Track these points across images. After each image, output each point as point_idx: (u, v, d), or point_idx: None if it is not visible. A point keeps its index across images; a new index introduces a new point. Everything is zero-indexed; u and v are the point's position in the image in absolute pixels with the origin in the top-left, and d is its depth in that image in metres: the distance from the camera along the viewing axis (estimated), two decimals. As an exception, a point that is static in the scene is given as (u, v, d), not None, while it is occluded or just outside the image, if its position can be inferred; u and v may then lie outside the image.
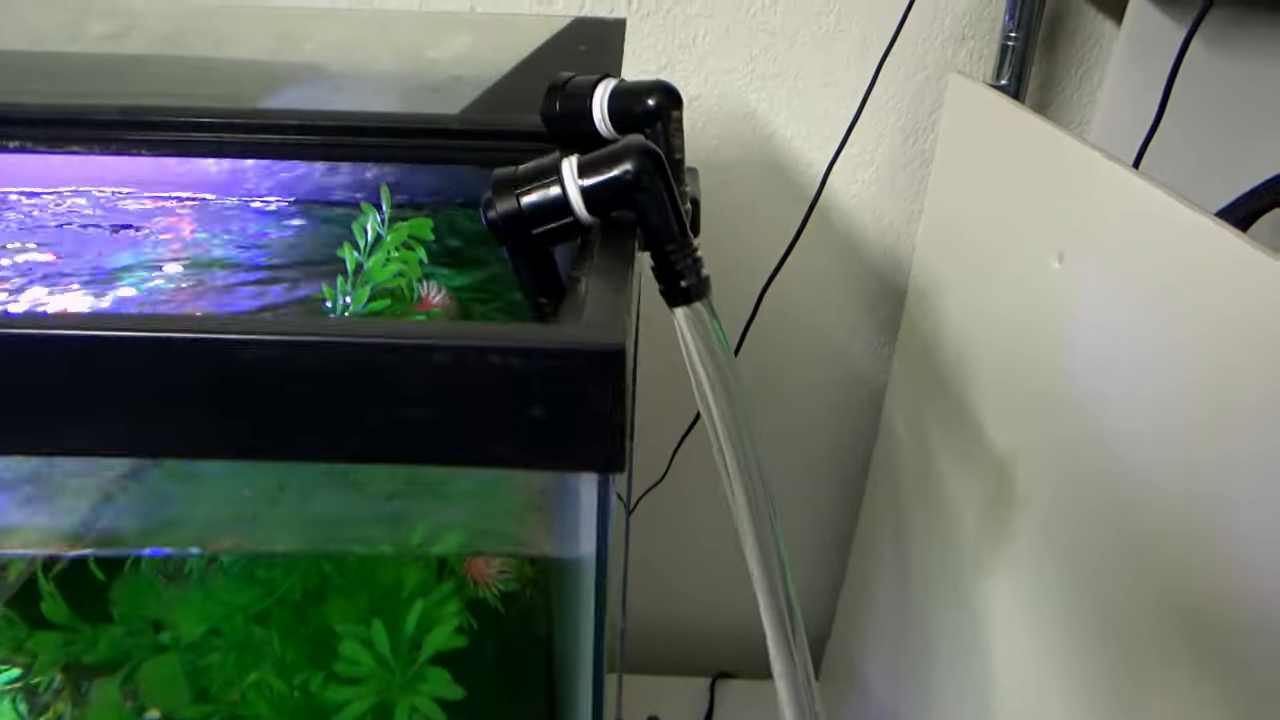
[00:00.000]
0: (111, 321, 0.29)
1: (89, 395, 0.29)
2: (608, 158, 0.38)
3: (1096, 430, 0.57)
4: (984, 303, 0.72)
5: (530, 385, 0.28)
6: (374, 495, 0.39)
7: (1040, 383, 0.63)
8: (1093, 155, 0.58)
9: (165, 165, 0.59)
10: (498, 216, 0.38)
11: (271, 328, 0.29)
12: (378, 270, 0.52)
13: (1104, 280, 0.56)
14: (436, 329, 0.29)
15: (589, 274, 0.37)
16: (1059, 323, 0.61)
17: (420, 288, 0.54)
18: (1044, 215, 0.63)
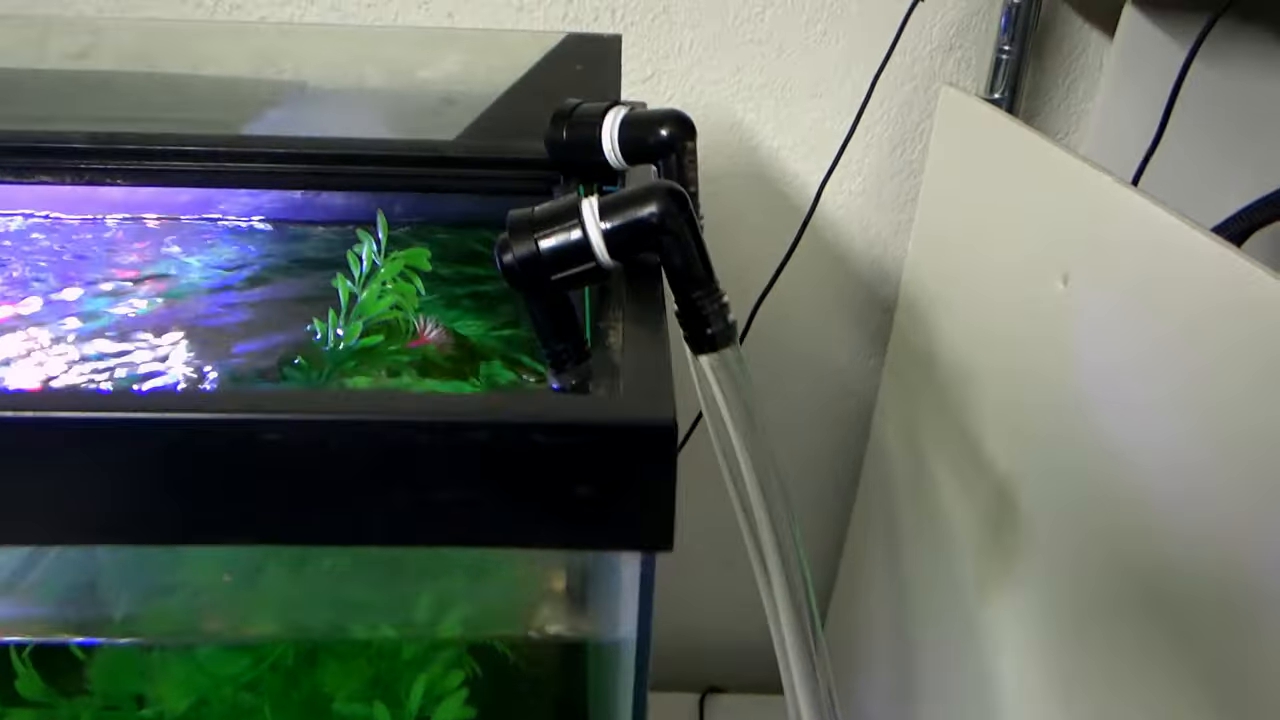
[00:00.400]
0: (108, 403, 0.26)
1: (94, 479, 0.27)
2: (630, 199, 0.36)
3: (1103, 454, 0.57)
4: (983, 320, 0.72)
5: (577, 464, 0.26)
6: (369, 573, 0.37)
7: (1045, 404, 0.62)
8: (1099, 176, 0.57)
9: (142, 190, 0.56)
10: (514, 261, 0.36)
11: (293, 404, 0.27)
12: (372, 304, 0.50)
13: (1112, 303, 0.56)
14: (474, 405, 0.27)
15: (618, 326, 0.35)
16: (1065, 345, 0.60)
17: (415, 322, 0.51)
18: (1047, 235, 0.62)
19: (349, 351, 0.49)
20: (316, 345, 0.50)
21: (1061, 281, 0.60)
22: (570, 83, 0.57)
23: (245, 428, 0.26)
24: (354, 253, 0.50)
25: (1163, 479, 0.52)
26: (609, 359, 0.33)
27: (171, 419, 0.26)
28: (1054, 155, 0.61)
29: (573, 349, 0.38)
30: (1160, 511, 0.51)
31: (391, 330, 0.51)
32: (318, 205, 0.55)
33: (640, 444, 0.26)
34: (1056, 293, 0.61)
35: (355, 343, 0.49)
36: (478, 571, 0.36)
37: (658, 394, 0.28)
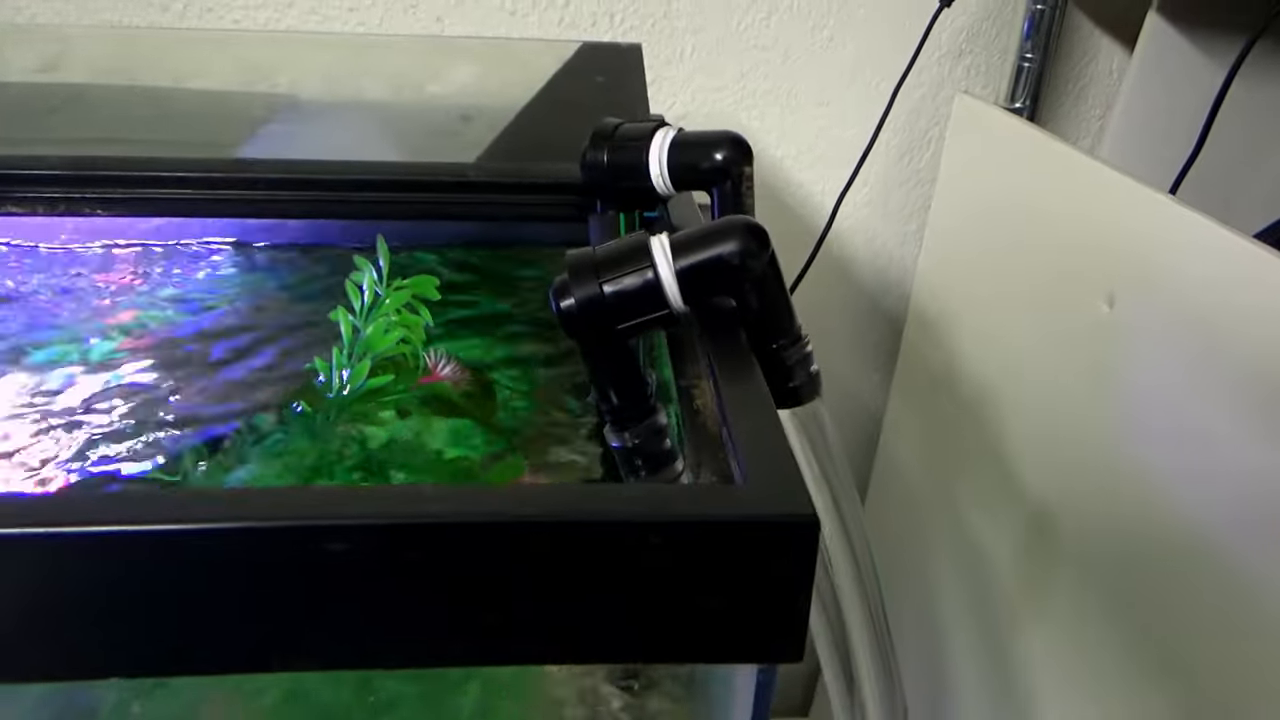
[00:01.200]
0: (123, 512, 0.21)
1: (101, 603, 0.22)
2: (707, 236, 0.32)
3: (1150, 485, 0.54)
4: (1011, 340, 0.69)
5: (700, 567, 0.22)
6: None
7: (1086, 431, 0.60)
8: (1145, 191, 0.55)
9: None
10: (575, 306, 0.31)
11: (352, 505, 0.22)
12: (379, 339, 0.45)
13: (1162, 324, 0.53)
14: (568, 502, 0.23)
15: (703, 385, 0.31)
16: (1110, 368, 0.57)
17: (426, 357, 0.47)
18: (1088, 253, 0.60)
19: (355, 394, 0.45)
20: (319, 388, 0.45)
21: (1106, 303, 0.58)
22: (592, 96, 0.53)
23: (285, 538, 0.21)
24: (353, 282, 0.45)
25: (1221, 511, 0.49)
26: (700, 427, 0.29)
27: (208, 529, 0.21)
28: (1094, 170, 0.59)
29: (636, 405, 0.34)
30: (1220, 550, 0.49)
31: (399, 367, 0.46)
32: (323, 231, 0.50)
33: (777, 542, 0.22)
34: (1100, 314, 0.58)
35: (362, 385, 0.44)
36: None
37: (788, 479, 0.24)
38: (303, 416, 0.44)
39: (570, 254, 0.32)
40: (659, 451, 0.34)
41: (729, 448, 0.26)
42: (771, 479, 0.24)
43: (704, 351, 0.31)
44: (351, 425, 0.44)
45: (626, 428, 0.34)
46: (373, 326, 0.45)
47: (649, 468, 0.34)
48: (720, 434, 0.28)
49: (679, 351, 0.33)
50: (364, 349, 0.45)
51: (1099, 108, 0.86)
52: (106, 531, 0.21)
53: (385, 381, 0.45)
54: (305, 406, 0.44)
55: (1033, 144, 0.66)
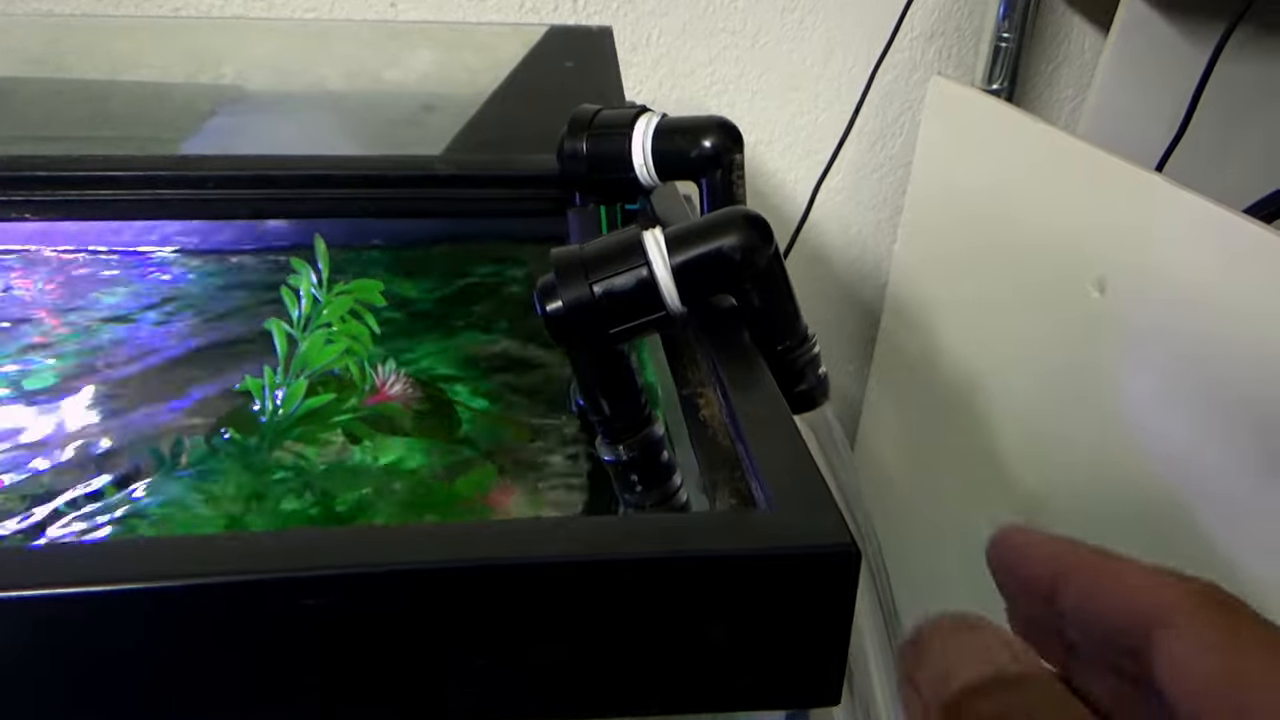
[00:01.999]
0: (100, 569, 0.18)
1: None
2: (704, 229, 0.29)
3: (1145, 472, 0.53)
4: (995, 329, 0.67)
5: (725, 604, 0.20)
6: None
7: (1081, 418, 0.58)
8: (1137, 172, 0.53)
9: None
10: (563, 309, 0.28)
11: (326, 553, 0.19)
12: (317, 353, 0.41)
13: (1153, 309, 0.52)
14: (584, 535, 0.20)
15: (709, 394, 0.28)
16: (1102, 353, 0.56)
17: (374, 373, 0.42)
18: (1078, 236, 0.58)
19: (291, 418, 0.40)
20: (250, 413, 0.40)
21: (1096, 288, 0.56)
22: (563, 82, 0.50)
23: (270, 591, 0.19)
24: (289, 288, 0.41)
25: (1218, 500, 0.48)
26: (710, 441, 0.26)
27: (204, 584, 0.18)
28: (1082, 151, 0.57)
29: (631, 415, 0.31)
30: (1215, 540, 0.48)
31: (343, 384, 0.42)
32: (275, 233, 0.47)
33: (814, 576, 0.20)
34: (1090, 299, 0.57)
35: (298, 408, 0.40)
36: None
37: (819, 503, 0.21)
38: (231, 444, 0.40)
39: (556, 252, 0.29)
40: (657, 465, 0.31)
41: (747, 466, 0.23)
42: (801, 503, 0.21)
43: (705, 355, 0.29)
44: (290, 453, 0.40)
45: (621, 440, 0.31)
46: (311, 339, 0.41)
47: (646, 482, 0.31)
48: (734, 449, 0.25)
49: (676, 355, 0.31)
50: (302, 365, 0.41)
51: (1071, 88, 0.85)
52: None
53: (325, 401, 0.41)
54: (234, 434, 0.40)
55: (1014, 126, 0.64)
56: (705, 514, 0.23)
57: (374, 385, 0.42)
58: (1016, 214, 0.65)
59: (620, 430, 0.31)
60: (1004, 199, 0.66)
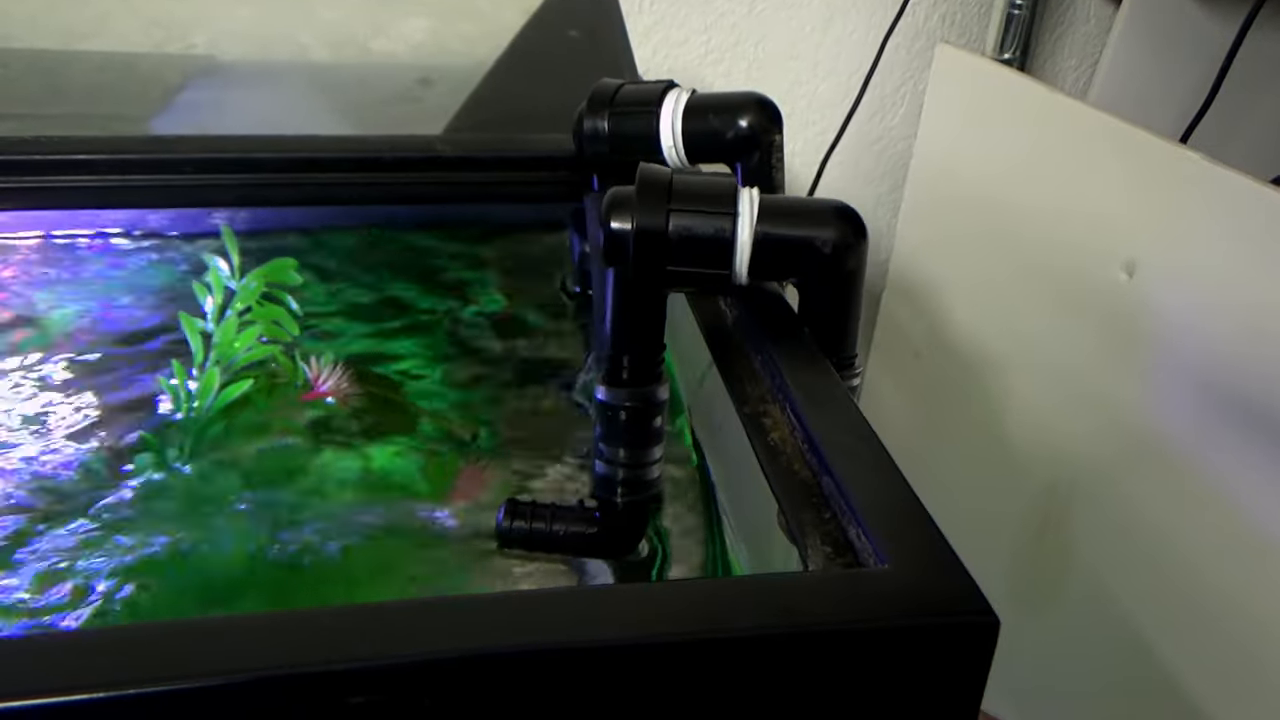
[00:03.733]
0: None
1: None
2: (803, 211, 0.27)
3: (1182, 476, 0.50)
4: (1009, 309, 0.65)
5: (845, 679, 0.17)
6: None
7: (1104, 401, 0.56)
8: (1168, 147, 0.50)
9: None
10: (631, 230, 0.25)
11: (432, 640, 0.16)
12: (229, 342, 0.35)
13: (1188, 295, 0.49)
14: (676, 609, 0.17)
15: (776, 413, 0.25)
16: (1129, 334, 0.53)
17: (306, 368, 0.37)
18: (1100, 217, 0.55)
19: (206, 413, 0.35)
20: (164, 416, 0.35)
21: (1125, 271, 0.54)
22: (568, 53, 0.46)
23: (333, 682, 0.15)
24: (201, 283, 0.36)
25: (1258, 489, 0.46)
26: (788, 473, 0.23)
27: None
28: (1106, 124, 0.54)
29: (647, 366, 0.28)
30: (1256, 534, 0.46)
31: (273, 377, 0.37)
32: (257, 220, 0.43)
33: (949, 647, 0.17)
34: (1118, 283, 0.54)
35: (212, 400, 0.35)
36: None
37: (942, 560, 0.18)
38: (147, 446, 0.34)
39: (645, 167, 0.26)
40: (648, 427, 0.29)
41: (843, 509, 0.20)
42: (920, 559, 0.18)
43: (766, 366, 0.26)
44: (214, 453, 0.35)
45: (626, 385, 0.28)
46: (222, 327, 0.35)
47: (629, 440, 0.29)
48: (816, 482, 0.22)
49: (729, 368, 0.27)
50: (218, 358, 0.36)
51: (1075, 58, 0.82)
52: None
53: (244, 388, 0.35)
54: (147, 438, 0.34)
55: (1030, 97, 0.61)
56: (816, 576, 0.20)
57: (304, 380, 0.37)
58: (1032, 191, 0.62)
59: (629, 374, 0.28)
60: (1017, 174, 0.63)
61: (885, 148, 0.83)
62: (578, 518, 0.29)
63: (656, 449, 0.30)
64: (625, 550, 0.29)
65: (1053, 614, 0.61)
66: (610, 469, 0.28)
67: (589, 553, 0.30)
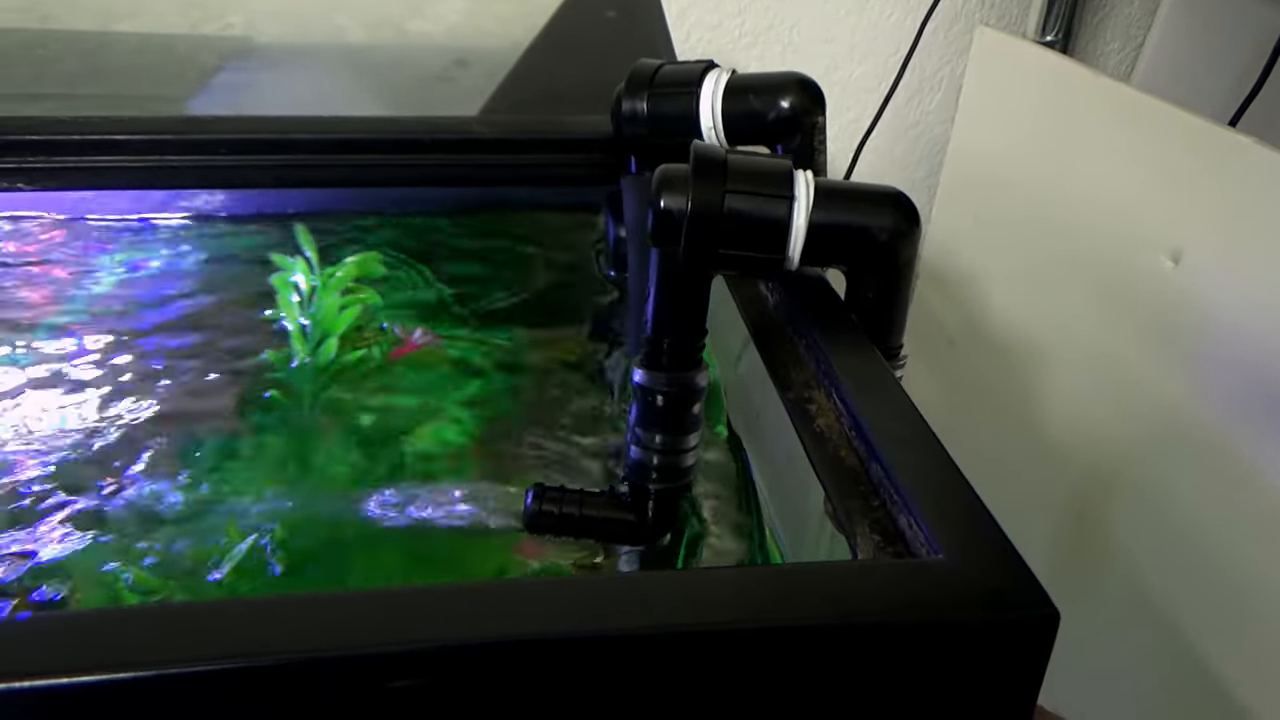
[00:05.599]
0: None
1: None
2: (859, 195, 0.26)
3: (1221, 450, 0.49)
4: (1051, 298, 0.63)
5: (900, 671, 0.16)
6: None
7: (1147, 393, 0.55)
8: (1220, 132, 0.49)
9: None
10: (685, 209, 0.25)
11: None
12: (332, 318, 0.38)
13: (1237, 284, 0.48)
14: (735, 602, 0.16)
15: (822, 400, 0.24)
16: (1179, 334, 0.52)
17: (397, 330, 0.39)
18: (1146, 203, 0.54)
19: (327, 372, 0.37)
20: (283, 376, 0.37)
21: (1170, 259, 0.52)
22: (605, 35, 0.45)
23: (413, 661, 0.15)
24: (284, 280, 0.37)
25: None
26: (835, 460, 0.22)
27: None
28: (1156, 109, 0.53)
29: (688, 350, 0.28)
30: None
31: (367, 343, 0.40)
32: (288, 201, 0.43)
33: (1009, 641, 0.17)
34: (1164, 270, 0.53)
35: (334, 358, 0.37)
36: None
37: (998, 551, 0.18)
38: (271, 403, 0.36)
39: (699, 145, 0.26)
40: (686, 414, 0.28)
41: (894, 498, 0.20)
42: (977, 549, 0.18)
43: (811, 351, 0.25)
44: (334, 401, 0.37)
45: (665, 369, 0.27)
46: (325, 305, 0.38)
47: (666, 425, 0.28)
48: (863, 470, 0.21)
49: (772, 353, 0.27)
50: (321, 332, 0.38)
51: (1118, 40, 0.80)
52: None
53: (360, 355, 0.38)
54: (275, 395, 0.37)
55: (1074, 80, 0.60)
56: (868, 565, 0.19)
57: (395, 338, 0.39)
58: (1072, 176, 0.61)
59: (669, 358, 0.27)
60: (1058, 159, 0.62)
61: (922, 133, 0.82)
62: (607, 503, 0.29)
63: (693, 436, 0.29)
64: (656, 537, 0.29)
65: (1091, 603, 0.60)
66: (645, 454, 0.28)
67: (618, 539, 0.29)
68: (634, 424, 0.29)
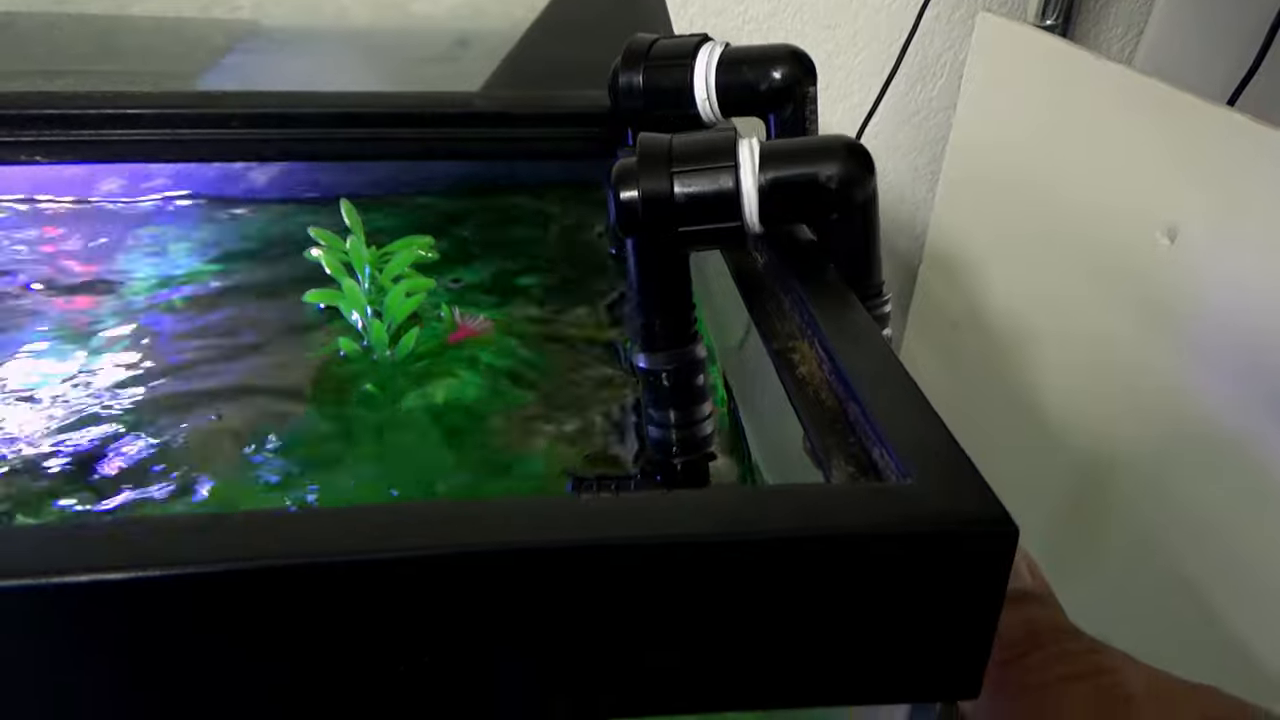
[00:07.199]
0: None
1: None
2: (802, 151, 0.27)
3: (1227, 446, 0.50)
4: (1049, 281, 0.64)
5: (862, 590, 0.17)
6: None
7: (1144, 373, 0.55)
8: (1213, 109, 0.50)
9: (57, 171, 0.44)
10: (638, 200, 0.26)
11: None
12: (398, 305, 0.39)
13: (1232, 260, 0.49)
14: (709, 512, 0.17)
15: (804, 347, 0.25)
16: (1175, 312, 0.53)
17: (452, 314, 0.41)
18: (1142, 181, 0.55)
19: (406, 362, 0.39)
20: (360, 363, 0.39)
21: (1166, 237, 0.53)
22: (605, 14, 0.46)
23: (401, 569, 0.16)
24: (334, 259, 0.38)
25: None
26: (816, 403, 0.23)
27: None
28: (1152, 88, 0.53)
29: (679, 327, 0.29)
30: None
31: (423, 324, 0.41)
32: (289, 180, 0.44)
33: (968, 555, 0.17)
34: (1160, 248, 0.53)
35: (412, 350, 0.39)
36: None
37: (964, 475, 0.19)
38: (370, 397, 0.38)
39: (644, 136, 0.27)
40: (693, 386, 0.29)
41: (867, 430, 0.21)
42: (942, 471, 0.19)
43: (795, 304, 0.26)
44: (421, 391, 0.39)
45: (662, 349, 0.29)
46: (391, 292, 0.39)
47: (677, 401, 0.29)
48: (842, 410, 0.22)
49: (759, 305, 0.28)
50: (389, 318, 0.39)
51: (1122, 25, 0.81)
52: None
53: (434, 344, 0.40)
54: (372, 389, 0.38)
55: (1073, 63, 0.60)
56: (837, 486, 0.20)
57: (451, 323, 0.41)
58: (1074, 158, 0.61)
59: (663, 338, 0.29)
60: (1059, 142, 0.63)
61: (924, 119, 0.82)
62: (641, 484, 0.30)
63: (705, 405, 0.30)
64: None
65: (1091, 584, 0.60)
66: (663, 432, 0.29)
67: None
68: (647, 406, 0.30)
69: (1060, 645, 0.23)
